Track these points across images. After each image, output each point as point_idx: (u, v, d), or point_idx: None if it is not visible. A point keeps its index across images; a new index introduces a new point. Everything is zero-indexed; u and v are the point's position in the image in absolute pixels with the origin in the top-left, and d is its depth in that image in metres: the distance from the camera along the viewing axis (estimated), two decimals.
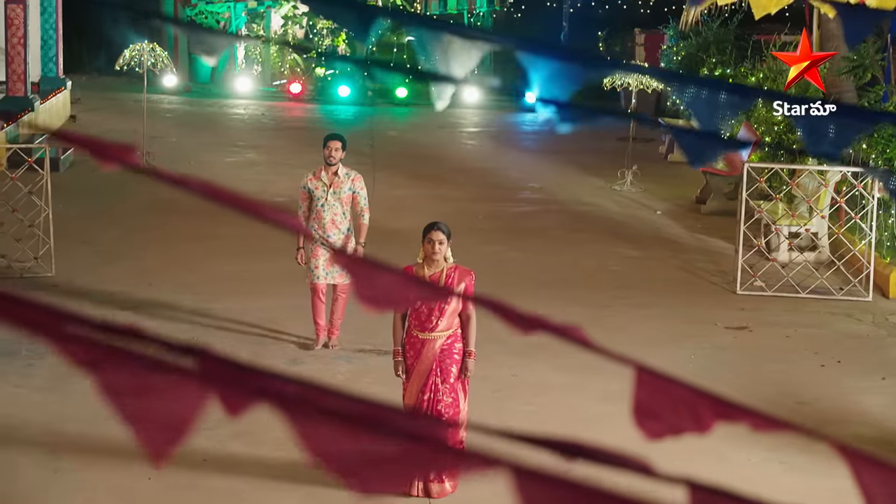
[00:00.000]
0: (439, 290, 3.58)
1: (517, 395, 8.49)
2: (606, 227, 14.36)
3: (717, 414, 1.76)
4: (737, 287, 11.45)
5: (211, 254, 12.45)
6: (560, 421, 7.99)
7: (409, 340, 6.88)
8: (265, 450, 7.43)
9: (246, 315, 10.26)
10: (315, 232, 9.12)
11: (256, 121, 23.68)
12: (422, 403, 6.77)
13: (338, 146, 9.23)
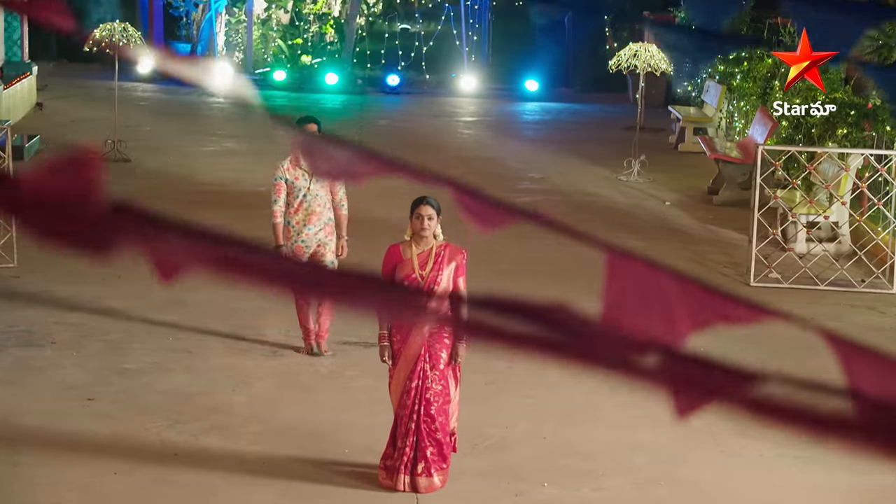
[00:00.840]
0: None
1: (512, 388, 8.51)
2: (611, 217, 14.37)
3: (694, 311, 1.77)
4: (750, 279, 11.47)
5: None
6: (559, 413, 8.01)
7: (395, 323, 6.87)
8: (240, 444, 7.44)
9: (222, 306, 10.26)
10: (293, 229, 8.90)
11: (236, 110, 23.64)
12: (409, 391, 6.76)
13: (314, 129, 8.73)
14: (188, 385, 8.43)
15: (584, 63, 28.63)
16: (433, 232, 6.85)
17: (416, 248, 6.86)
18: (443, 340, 6.82)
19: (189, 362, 8.91)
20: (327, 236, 8.99)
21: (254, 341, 9.43)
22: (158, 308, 10.18)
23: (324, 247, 8.97)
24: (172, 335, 9.51)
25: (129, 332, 9.55)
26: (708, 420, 7.84)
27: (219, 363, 8.92)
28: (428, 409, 6.75)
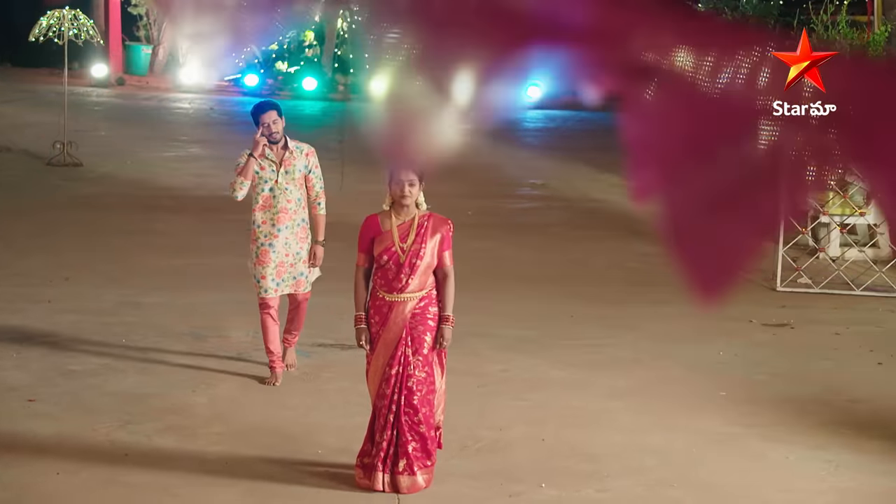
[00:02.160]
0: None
1: (508, 391, 8.53)
2: (620, 223, 14.49)
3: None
4: (777, 283, 11.53)
5: (143, 248, 12.58)
6: (560, 417, 8.03)
7: (373, 304, 6.85)
8: (200, 444, 7.45)
9: (184, 309, 10.36)
10: (259, 229, 8.38)
11: (204, 115, 23.87)
12: (389, 379, 6.74)
13: (274, 116, 8.32)
14: (141, 386, 8.44)
15: None
16: (415, 200, 6.84)
17: (395, 219, 6.84)
18: (426, 322, 6.80)
19: (143, 364, 8.92)
20: (299, 242, 8.48)
21: (217, 343, 9.46)
22: (110, 310, 10.25)
23: (294, 255, 8.47)
24: (125, 336, 9.54)
25: (77, 333, 9.58)
26: (727, 421, 7.88)
27: (177, 364, 8.93)
28: (410, 398, 6.73)
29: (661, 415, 8.14)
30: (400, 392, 6.77)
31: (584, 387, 8.66)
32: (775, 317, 10.65)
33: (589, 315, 10.55)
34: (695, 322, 10.40)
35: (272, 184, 8.38)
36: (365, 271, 6.95)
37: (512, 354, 9.35)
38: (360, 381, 8.20)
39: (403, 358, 6.78)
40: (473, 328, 9.77)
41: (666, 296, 11.25)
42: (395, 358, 6.79)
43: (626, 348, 9.58)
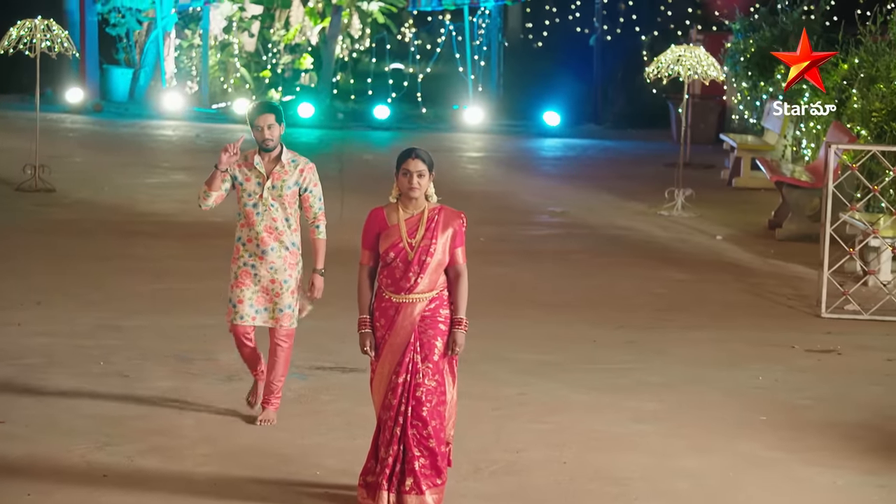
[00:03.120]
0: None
1: (526, 414, 8.59)
2: (647, 250, 14.63)
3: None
4: (821, 309, 11.58)
5: (121, 272, 12.67)
6: (583, 440, 8.06)
7: (379, 305, 6.88)
8: (187, 465, 7.49)
9: (168, 332, 10.44)
10: (245, 247, 8.04)
11: (189, 142, 24.03)
12: (395, 388, 6.75)
13: (271, 120, 7.93)
14: (122, 408, 8.49)
15: (616, 95, 29.08)
16: (424, 192, 6.87)
17: (403, 212, 6.87)
18: (437, 326, 6.83)
19: (124, 386, 8.97)
20: (288, 269, 8.05)
21: (205, 366, 9.52)
22: (86, 333, 10.34)
23: (280, 284, 8.05)
24: (104, 359, 9.60)
25: (49, 356, 9.65)
26: (767, 445, 7.90)
27: (161, 387, 8.98)
28: (418, 410, 6.73)
29: (694, 438, 8.17)
30: (407, 403, 6.76)
31: (609, 410, 8.70)
32: (820, 343, 10.69)
33: (613, 340, 10.61)
34: (729, 347, 10.49)
35: (256, 199, 7.97)
36: (369, 270, 6.98)
37: (529, 378, 9.40)
38: (363, 403, 8.27)
39: (411, 365, 6.78)
40: (486, 352, 9.82)
41: (697, 321, 11.40)
42: (403, 365, 6.79)
43: (654, 373, 9.62)
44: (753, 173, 19.71)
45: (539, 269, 13.43)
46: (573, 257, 14.14)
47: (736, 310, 11.90)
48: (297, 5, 34.31)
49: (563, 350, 10.25)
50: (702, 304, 12.08)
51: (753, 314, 11.74)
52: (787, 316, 11.69)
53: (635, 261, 13.97)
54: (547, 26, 33.27)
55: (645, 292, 12.50)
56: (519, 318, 11.25)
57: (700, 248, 14.94)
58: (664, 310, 11.81)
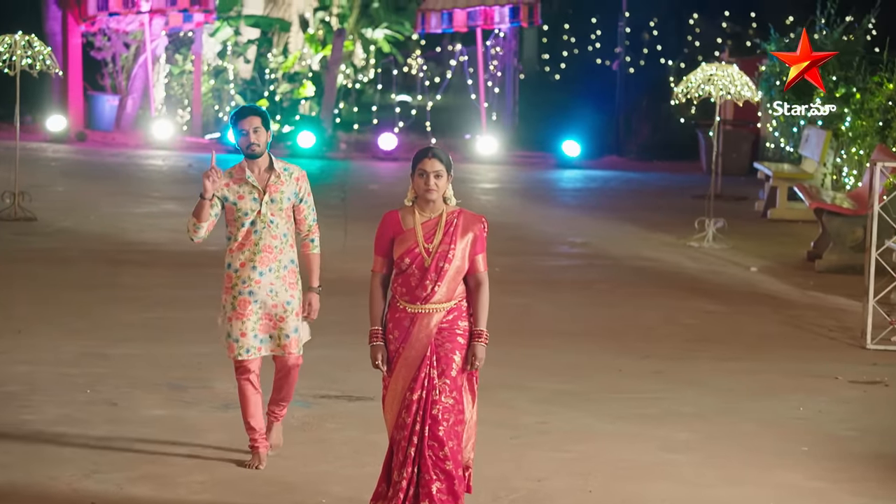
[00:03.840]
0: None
1: (547, 443, 8.61)
2: (675, 281, 14.75)
3: None
4: (866, 340, 11.60)
5: (108, 301, 12.73)
6: (609, 469, 8.06)
7: (392, 316, 6.88)
8: (181, 493, 7.51)
9: (159, 360, 10.49)
10: (237, 274, 7.78)
11: (180, 172, 24.17)
12: (410, 406, 6.73)
13: (257, 123, 7.70)
14: (111, 436, 8.50)
15: (641, 124, 29.22)
16: (442, 194, 6.89)
17: (420, 216, 6.88)
18: (455, 338, 6.82)
19: (112, 414, 9.00)
20: (289, 289, 7.86)
21: (199, 394, 9.54)
22: (70, 362, 10.40)
23: (282, 306, 7.83)
24: (91, 387, 9.63)
25: (32, 384, 9.69)
26: (810, 476, 7.91)
27: (153, 415, 9.01)
28: (435, 429, 6.72)
29: (730, 468, 8.18)
30: (423, 421, 6.73)
31: (637, 439, 8.72)
32: (865, 374, 10.71)
33: (639, 370, 10.66)
34: (766, 378, 10.53)
35: (254, 216, 7.72)
36: (382, 278, 7.00)
37: (550, 406, 9.44)
38: (372, 431, 8.31)
39: (427, 381, 6.76)
40: (504, 380, 9.85)
41: (730, 352, 11.45)
42: (418, 381, 6.76)
43: (684, 403, 9.65)
44: (790, 204, 19.76)
45: (558, 299, 13.49)
46: (594, 287, 14.20)
47: (773, 341, 11.93)
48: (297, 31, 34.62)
49: (585, 379, 10.27)
50: (735, 336, 12.11)
51: (792, 345, 11.77)
52: (828, 347, 11.72)
53: (662, 291, 14.04)
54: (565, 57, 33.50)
55: (673, 323, 12.54)
56: (537, 348, 11.29)
57: (733, 280, 14.98)
58: (694, 340, 11.84)
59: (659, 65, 31.06)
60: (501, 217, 19.52)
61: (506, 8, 27.81)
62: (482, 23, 28.14)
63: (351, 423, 8.88)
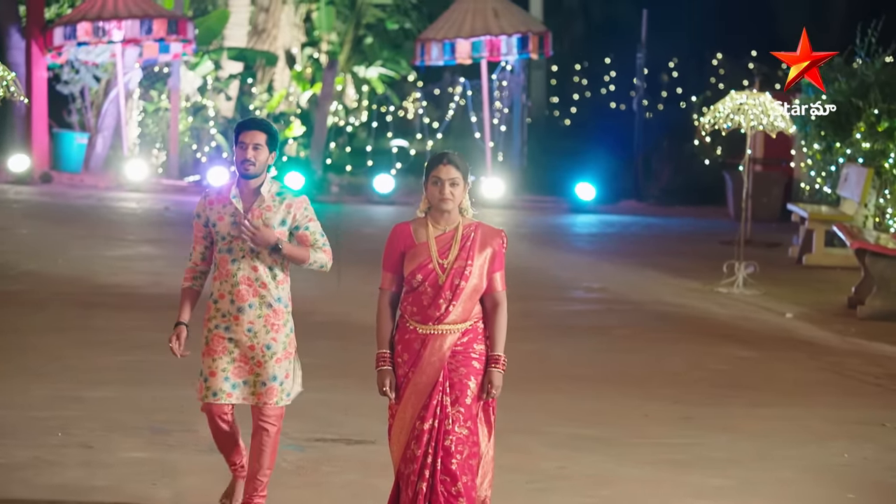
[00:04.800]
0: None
1: (567, 488, 8.66)
2: (703, 327, 14.88)
3: None
4: None
5: (80, 344, 12.79)
6: None
7: (402, 338, 6.90)
8: None
9: (139, 403, 10.55)
10: (217, 305, 7.48)
11: (156, 215, 24.27)
12: (420, 437, 6.74)
13: (259, 140, 7.39)
14: (85, 479, 8.54)
15: (661, 167, 29.38)
16: (459, 204, 6.93)
17: (433, 228, 6.91)
18: (470, 363, 6.84)
19: (87, 457, 9.03)
20: (270, 330, 7.44)
21: (183, 437, 9.58)
22: (40, 405, 10.44)
23: (261, 350, 7.43)
24: (63, 430, 9.67)
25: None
26: None
27: (132, 458, 9.04)
28: (447, 463, 6.72)
29: None
30: (434, 454, 6.73)
31: (666, 485, 8.79)
32: None
33: (667, 415, 10.74)
34: (805, 425, 10.59)
35: (230, 241, 7.40)
36: (391, 296, 6.99)
37: (568, 451, 9.50)
38: (373, 475, 8.36)
39: (439, 409, 6.77)
40: (517, 425, 9.89)
41: (766, 398, 11.55)
42: (429, 409, 6.77)
43: (717, 448, 9.71)
44: (828, 250, 19.84)
45: (574, 345, 13.58)
46: (613, 333, 14.30)
47: (812, 388, 12.02)
48: (283, 68, 34.85)
49: (606, 424, 10.33)
50: (770, 382, 12.21)
51: (833, 392, 11.84)
52: (874, 395, 11.79)
53: (688, 337, 14.14)
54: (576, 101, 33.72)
55: (701, 368, 12.63)
56: (553, 393, 11.38)
57: (766, 326, 15.05)
58: (725, 386, 11.93)
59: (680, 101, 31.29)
60: (509, 261, 19.56)
61: (513, 38, 28.02)
62: (488, 54, 28.31)
63: (350, 467, 8.91)
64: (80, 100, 29.64)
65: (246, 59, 32.93)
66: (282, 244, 7.31)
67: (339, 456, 9.20)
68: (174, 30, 28.09)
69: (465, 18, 28.25)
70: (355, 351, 12.62)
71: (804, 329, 14.92)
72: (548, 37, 28.24)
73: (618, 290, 17.24)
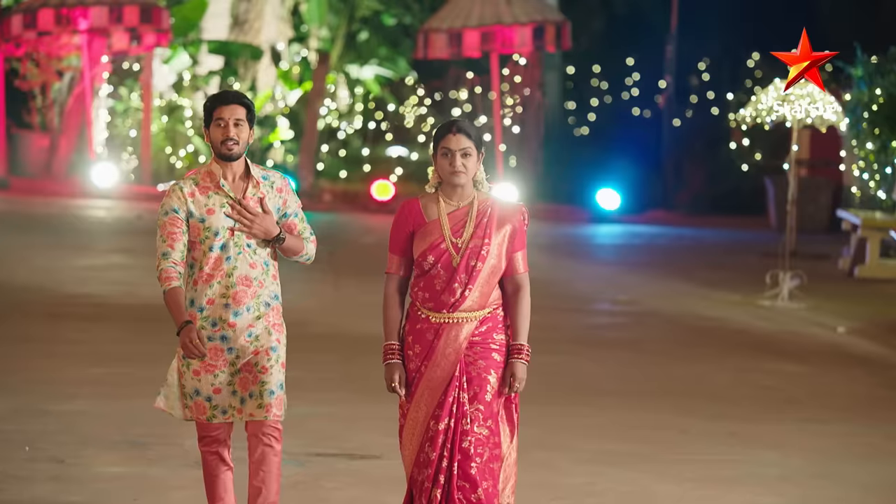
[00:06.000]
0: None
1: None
2: (745, 341, 15.04)
3: None
4: None
5: (46, 356, 12.88)
6: None
7: (413, 328, 6.85)
8: None
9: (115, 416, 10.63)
10: (204, 314, 7.14)
11: (127, 224, 24.34)
12: (435, 438, 6.70)
13: (240, 114, 7.13)
14: (59, 494, 8.58)
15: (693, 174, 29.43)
16: (472, 177, 6.90)
17: (445, 205, 6.87)
18: (490, 355, 6.80)
19: (59, 471, 9.07)
20: (273, 331, 7.21)
21: (165, 451, 9.61)
22: (4, 417, 10.45)
23: (266, 353, 7.17)
24: (30, 444, 9.70)
25: None
26: None
27: (109, 472, 9.10)
28: (465, 467, 6.67)
29: None
30: (451, 457, 6.66)
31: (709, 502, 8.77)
32: None
33: (710, 430, 10.79)
34: (866, 441, 10.65)
35: (225, 237, 7.15)
36: (399, 281, 6.92)
37: (597, 467, 9.54)
38: (380, 492, 8.41)
39: (456, 407, 6.71)
40: (540, 441, 9.92)
41: (820, 415, 11.62)
42: (445, 407, 6.71)
43: (768, 465, 9.76)
44: (883, 261, 19.86)
45: (602, 358, 13.67)
46: (645, 346, 14.38)
47: (871, 403, 12.11)
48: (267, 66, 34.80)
49: (640, 440, 10.36)
50: (824, 398, 12.27)
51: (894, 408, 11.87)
52: None
53: (729, 351, 14.25)
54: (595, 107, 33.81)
55: (745, 384, 12.70)
56: (578, 406, 11.46)
57: (816, 341, 15.12)
58: (774, 402, 12.02)
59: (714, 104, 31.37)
60: (531, 272, 19.69)
61: (527, 28, 28.03)
62: (499, 46, 28.33)
63: (354, 483, 8.94)
64: (41, 97, 29.61)
65: (229, 54, 32.91)
66: (284, 234, 7.11)
67: (342, 471, 9.22)
68: (147, 19, 28.02)
69: (474, 6, 28.27)
70: (355, 363, 12.71)
71: (859, 345, 14.99)
72: (566, 27, 28.24)
73: (648, 302, 17.32)
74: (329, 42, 35.87)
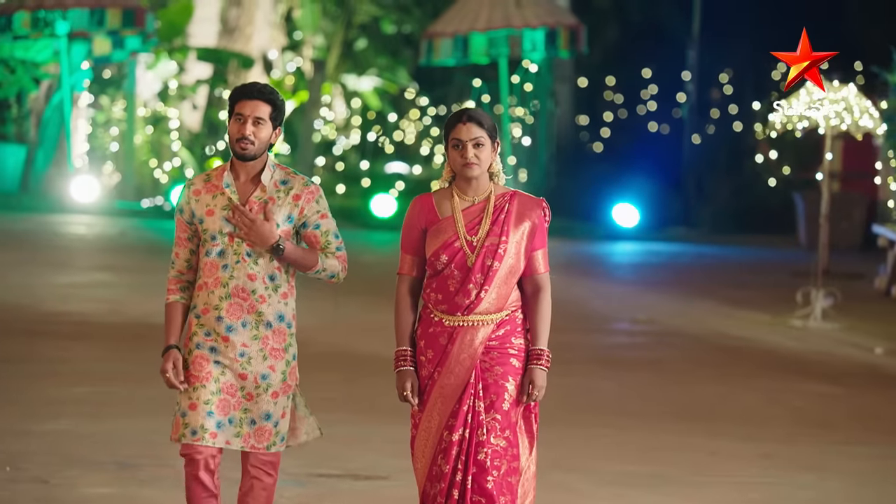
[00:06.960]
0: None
1: None
2: (775, 362, 15.14)
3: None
4: None
5: (26, 376, 12.96)
6: None
7: (425, 331, 6.86)
8: None
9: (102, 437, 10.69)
10: (199, 321, 6.97)
11: (111, 240, 24.43)
12: (449, 449, 6.71)
13: (261, 112, 6.90)
14: None
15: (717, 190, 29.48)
16: (487, 169, 6.84)
17: (460, 200, 6.85)
18: (507, 361, 6.81)
19: (43, 492, 9.12)
20: (269, 357, 6.96)
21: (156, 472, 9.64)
22: None
23: (255, 381, 6.92)
24: (11, 464, 9.74)
25: None
26: None
27: (96, 494, 9.14)
28: (481, 481, 6.68)
29: None
30: (465, 470, 6.67)
31: None
32: None
33: (740, 452, 10.86)
34: None
35: (224, 243, 6.97)
36: (411, 283, 6.91)
37: (620, 489, 9.59)
38: None
39: (471, 416, 6.71)
40: (557, 462, 9.97)
41: (859, 437, 11.69)
42: (459, 416, 6.71)
43: (804, 487, 9.84)
44: None
45: (622, 378, 13.77)
46: (668, 367, 14.48)
47: None
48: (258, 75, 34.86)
49: (665, 462, 10.41)
50: (863, 420, 12.37)
51: None
52: None
53: (759, 372, 14.34)
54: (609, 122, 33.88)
55: (778, 404, 12.78)
56: (600, 427, 11.50)
57: (851, 362, 15.19)
58: (809, 424, 12.07)
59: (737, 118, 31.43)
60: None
61: (539, 31, 28.05)
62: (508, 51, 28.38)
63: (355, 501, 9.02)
64: (16, 106, 29.64)
65: (218, 61, 32.94)
66: (283, 244, 6.83)
67: (346, 491, 9.26)
68: (130, 22, 27.98)
69: (482, 9, 28.29)
70: (358, 382, 12.81)
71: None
72: (581, 30, 28.25)
73: (669, 322, 17.39)
74: (324, 50, 35.84)
